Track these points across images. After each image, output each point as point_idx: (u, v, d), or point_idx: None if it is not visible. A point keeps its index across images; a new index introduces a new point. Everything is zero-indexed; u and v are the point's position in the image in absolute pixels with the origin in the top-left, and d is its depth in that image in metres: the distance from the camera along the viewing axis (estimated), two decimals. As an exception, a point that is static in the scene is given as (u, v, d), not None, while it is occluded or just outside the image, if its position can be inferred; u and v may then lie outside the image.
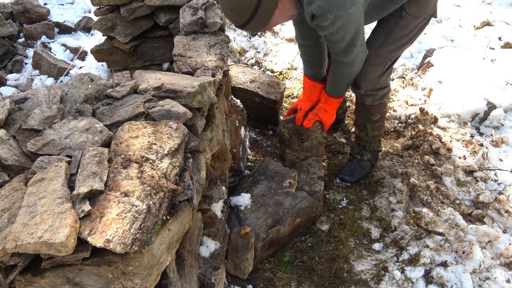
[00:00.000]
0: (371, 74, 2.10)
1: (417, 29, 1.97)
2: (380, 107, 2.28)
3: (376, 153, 2.52)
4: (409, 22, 1.92)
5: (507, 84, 2.99)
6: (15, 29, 3.38)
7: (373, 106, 2.25)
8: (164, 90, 1.47)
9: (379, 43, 2.00)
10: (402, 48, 2.05)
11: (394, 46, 2.00)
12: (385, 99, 2.27)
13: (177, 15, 2.42)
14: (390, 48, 2.00)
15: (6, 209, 1.07)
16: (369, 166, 2.49)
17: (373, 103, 2.23)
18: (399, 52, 2.06)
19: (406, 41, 2.01)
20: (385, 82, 2.17)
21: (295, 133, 2.48)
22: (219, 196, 1.63)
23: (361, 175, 2.46)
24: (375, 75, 2.10)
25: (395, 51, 2.04)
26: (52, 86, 1.53)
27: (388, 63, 2.08)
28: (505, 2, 4.36)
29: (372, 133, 2.38)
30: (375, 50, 2.01)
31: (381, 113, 2.31)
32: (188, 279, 1.45)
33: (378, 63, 2.05)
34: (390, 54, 2.04)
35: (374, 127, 2.36)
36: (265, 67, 3.47)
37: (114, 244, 0.96)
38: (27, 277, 1.07)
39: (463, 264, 1.96)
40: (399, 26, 1.94)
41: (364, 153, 2.45)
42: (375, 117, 2.31)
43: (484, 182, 2.44)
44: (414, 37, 2.02)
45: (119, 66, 2.96)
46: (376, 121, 2.33)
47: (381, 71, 2.09)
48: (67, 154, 1.23)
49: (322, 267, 2.02)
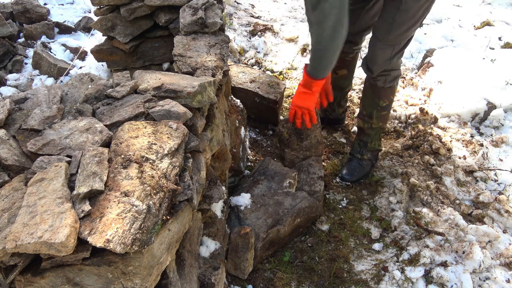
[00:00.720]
0: (380, 57, 2.12)
1: (422, 10, 1.97)
2: (390, 91, 2.28)
3: (376, 153, 2.52)
4: (410, 6, 1.92)
5: (507, 84, 2.99)
6: (15, 29, 3.38)
7: (384, 89, 2.25)
8: (164, 90, 1.47)
9: (385, 29, 2.02)
10: (410, 31, 2.05)
11: (400, 30, 2.01)
12: (395, 83, 2.27)
13: (177, 15, 2.42)
14: (396, 33, 2.02)
15: (6, 209, 1.07)
16: (369, 166, 2.48)
17: (384, 85, 2.23)
18: (407, 34, 2.06)
19: (413, 23, 2.00)
20: (396, 64, 2.19)
21: (294, 133, 2.48)
22: (219, 196, 1.63)
23: (361, 175, 2.46)
24: (385, 58, 2.12)
25: (403, 35, 2.04)
26: (52, 86, 1.53)
27: (398, 46, 2.09)
28: (505, 2, 4.36)
29: (376, 123, 2.37)
30: (382, 36, 2.05)
31: (389, 99, 2.31)
32: (188, 279, 1.45)
33: (387, 47, 2.08)
34: (398, 38, 2.05)
35: (380, 115, 2.34)
36: (265, 67, 3.47)
37: (114, 244, 0.96)
38: (27, 277, 1.07)
39: (463, 264, 1.96)
40: (401, 11, 1.94)
41: (364, 152, 2.45)
42: (383, 103, 2.30)
43: (484, 182, 2.44)
44: (420, 18, 2.01)
45: (119, 66, 2.96)
46: (383, 109, 2.32)
47: (391, 53, 2.10)
48: (67, 154, 1.23)
49: (322, 267, 2.02)
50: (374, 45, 2.12)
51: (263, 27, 3.93)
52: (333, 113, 2.79)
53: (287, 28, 3.98)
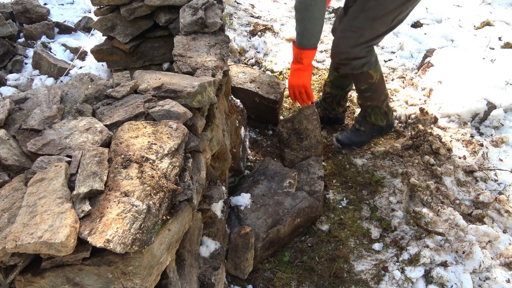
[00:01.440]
0: (342, 44, 2.15)
1: (395, 5, 1.97)
2: (363, 77, 2.29)
3: (377, 127, 2.57)
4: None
5: (507, 84, 2.99)
6: (15, 29, 3.38)
7: (355, 75, 2.29)
8: (164, 90, 1.47)
9: (353, 15, 2.07)
10: (378, 23, 2.06)
11: (368, 18, 2.04)
12: (367, 69, 2.25)
13: (177, 15, 2.42)
14: (362, 21, 2.05)
15: (6, 209, 1.07)
16: (364, 137, 2.57)
17: (352, 71, 2.25)
18: (374, 26, 2.07)
19: (382, 15, 2.02)
20: (358, 53, 2.17)
21: (293, 132, 2.48)
22: (219, 196, 1.63)
23: (353, 141, 2.57)
24: (346, 45, 2.14)
25: (369, 25, 2.06)
26: (52, 86, 1.53)
27: (362, 37, 2.10)
28: (505, 2, 4.36)
29: (365, 103, 2.44)
30: (349, 21, 2.08)
31: (366, 83, 2.32)
32: (188, 279, 1.45)
33: (349, 35, 2.11)
34: (363, 26, 2.07)
35: (364, 97, 2.41)
36: (265, 67, 3.47)
37: (114, 244, 0.96)
38: (27, 277, 1.07)
39: (463, 264, 1.96)
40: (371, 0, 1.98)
41: (362, 123, 2.55)
42: (362, 87, 2.35)
43: (484, 182, 2.44)
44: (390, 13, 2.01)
45: (119, 66, 2.96)
46: (365, 91, 2.37)
47: (354, 42, 2.12)
48: (67, 154, 1.23)
49: (322, 267, 2.02)
50: (341, 30, 2.14)
51: (263, 27, 3.93)
52: (332, 112, 2.80)
53: (287, 28, 3.98)
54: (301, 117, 2.48)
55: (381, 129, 2.59)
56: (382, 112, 2.49)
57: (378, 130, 2.58)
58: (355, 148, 2.62)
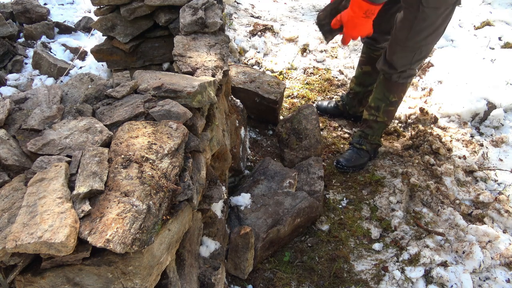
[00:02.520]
0: (400, 62, 2.17)
1: (440, 18, 1.98)
2: (402, 87, 2.32)
3: (376, 147, 2.55)
4: (427, 15, 1.94)
5: (507, 84, 2.99)
6: (15, 29, 3.38)
7: (397, 84, 2.29)
8: (164, 90, 1.47)
9: (404, 36, 2.05)
10: (429, 38, 2.06)
11: (419, 37, 2.03)
12: (409, 81, 2.30)
13: (177, 15, 2.42)
14: (415, 40, 2.04)
15: (6, 209, 1.07)
16: (366, 157, 2.53)
17: (397, 80, 2.27)
18: (427, 41, 2.08)
19: (431, 31, 2.02)
20: (414, 69, 2.23)
21: (293, 132, 2.48)
22: (219, 196, 1.63)
23: (356, 163, 2.51)
24: (405, 63, 2.16)
25: (422, 41, 2.06)
26: (52, 86, 1.53)
27: (418, 53, 2.11)
28: (505, 2, 4.36)
29: (382, 118, 2.42)
30: (402, 43, 2.07)
31: (399, 96, 2.35)
32: (188, 279, 1.45)
33: (408, 53, 2.11)
34: (418, 44, 2.07)
35: (387, 110, 2.39)
36: (265, 67, 3.47)
37: (114, 244, 0.96)
38: (27, 277, 1.07)
39: (463, 264, 1.96)
40: (418, 19, 1.96)
41: (363, 142, 2.50)
42: (393, 98, 2.34)
43: (484, 182, 2.44)
44: (440, 26, 2.02)
45: (119, 66, 2.96)
46: (392, 104, 2.37)
47: (412, 59, 2.14)
48: (67, 154, 1.23)
49: (322, 267, 2.02)
50: (394, 51, 2.15)
51: (263, 27, 3.93)
52: (352, 108, 2.83)
53: (287, 28, 3.98)
54: (300, 117, 2.48)
55: (377, 148, 2.57)
56: (382, 133, 2.51)
57: (375, 149, 2.56)
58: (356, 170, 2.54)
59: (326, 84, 3.32)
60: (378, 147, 2.56)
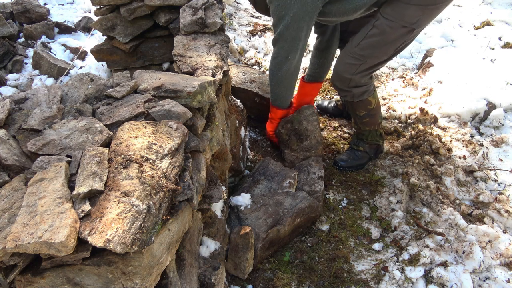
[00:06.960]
0: (343, 72, 2.18)
1: (394, 35, 1.98)
2: (362, 104, 2.32)
3: (375, 146, 2.55)
4: (384, 26, 1.96)
5: (507, 84, 2.99)
6: (15, 29, 3.38)
7: (354, 103, 2.32)
8: (164, 90, 1.47)
9: (356, 41, 2.07)
10: (377, 51, 2.05)
11: (369, 47, 2.04)
12: (367, 97, 2.29)
13: (177, 15, 2.42)
14: (363, 48, 2.05)
15: (6, 209, 1.07)
16: (365, 158, 2.54)
17: (352, 99, 2.29)
18: (373, 53, 2.06)
19: (381, 44, 2.02)
20: (359, 81, 2.20)
21: (293, 133, 2.48)
22: (219, 196, 1.63)
23: (353, 163, 2.52)
24: (347, 74, 2.16)
25: (370, 53, 2.06)
26: (52, 86, 1.53)
27: (362, 64, 2.11)
28: (505, 2, 4.36)
29: (363, 127, 2.45)
30: (351, 47, 2.09)
31: (365, 109, 2.35)
32: (188, 279, 1.45)
33: (352, 62, 2.12)
34: (364, 54, 2.07)
35: (363, 122, 2.42)
36: (265, 67, 3.47)
37: (114, 244, 0.96)
38: (27, 277, 1.07)
39: (463, 264, 1.96)
40: (374, 27, 1.99)
41: (360, 143, 2.53)
42: (360, 113, 2.37)
43: (484, 182, 2.44)
44: (391, 44, 2.02)
45: (119, 66, 2.96)
46: (363, 117, 2.39)
47: (355, 70, 2.13)
48: (67, 154, 1.23)
49: (322, 267, 2.02)
50: (343, 56, 2.16)
51: (263, 27, 3.93)
52: None
53: (287, 28, 3.97)
54: (300, 118, 2.48)
55: (378, 148, 2.57)
56: (378, 134, 2.51)
57: (375, 149, 2.56)
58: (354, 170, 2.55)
59: (326, 84, 3.32)
60: (378, 147, 2.56)
